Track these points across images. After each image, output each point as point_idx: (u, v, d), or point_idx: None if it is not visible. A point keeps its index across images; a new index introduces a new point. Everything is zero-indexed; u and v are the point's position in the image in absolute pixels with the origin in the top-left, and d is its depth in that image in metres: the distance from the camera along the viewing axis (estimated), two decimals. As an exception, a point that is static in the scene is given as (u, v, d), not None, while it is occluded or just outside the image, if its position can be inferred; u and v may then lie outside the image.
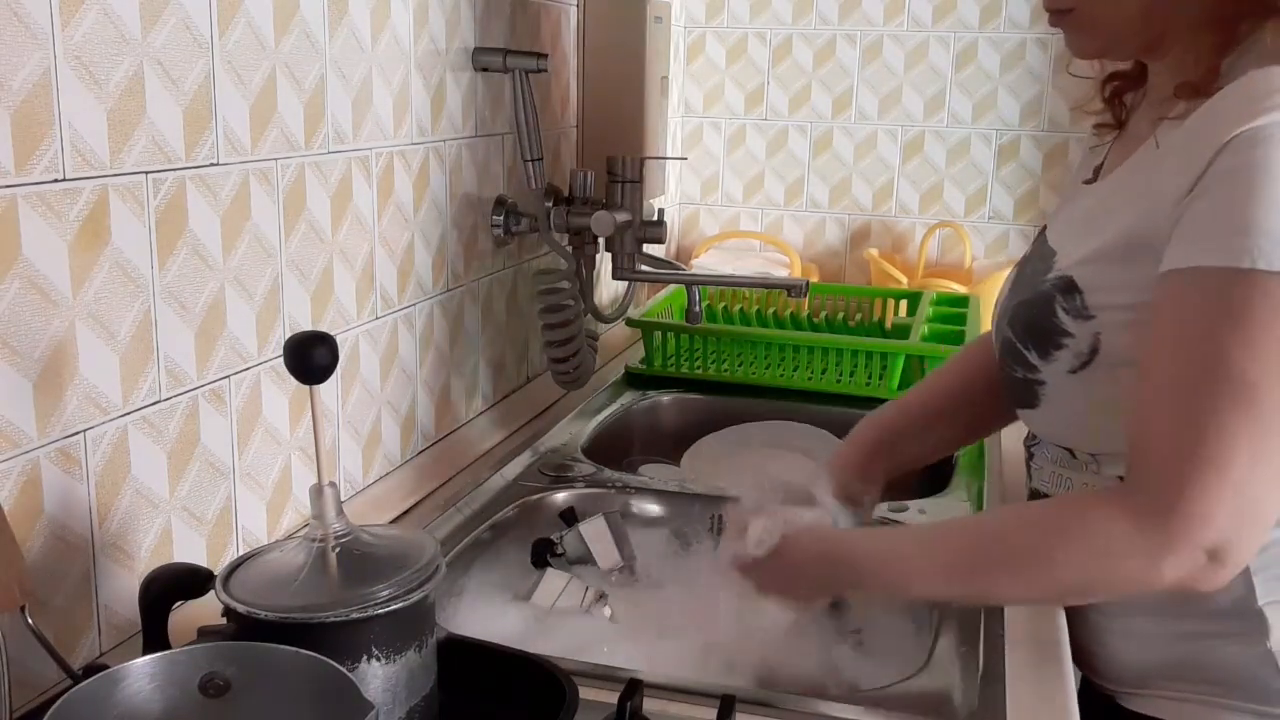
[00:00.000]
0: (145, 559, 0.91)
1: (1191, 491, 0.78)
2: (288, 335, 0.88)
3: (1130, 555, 0.82)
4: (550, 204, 1.49)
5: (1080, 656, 1.07)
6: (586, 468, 1.37)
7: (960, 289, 2.10)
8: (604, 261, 1.59)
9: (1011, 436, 1.25)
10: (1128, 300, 0.90)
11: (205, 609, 0.75)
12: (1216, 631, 0.96)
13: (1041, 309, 0.96)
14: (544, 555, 1.15)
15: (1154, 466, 0.82)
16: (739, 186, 2.46)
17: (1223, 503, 0.78)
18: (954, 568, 0.92)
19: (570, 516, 1.19)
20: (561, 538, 1.16)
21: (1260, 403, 0.78)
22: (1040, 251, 1.04)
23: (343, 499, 0.89)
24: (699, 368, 1.76)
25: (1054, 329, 0.94)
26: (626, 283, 1.71)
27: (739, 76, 2.41)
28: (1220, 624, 0.95)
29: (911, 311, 1.95)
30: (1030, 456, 1.09)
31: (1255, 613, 0.93)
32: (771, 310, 1.97)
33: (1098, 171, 1.04)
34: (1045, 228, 1.08)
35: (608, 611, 1.10)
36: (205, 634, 0.70)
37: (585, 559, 1.15)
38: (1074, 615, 1.06)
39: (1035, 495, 1.08)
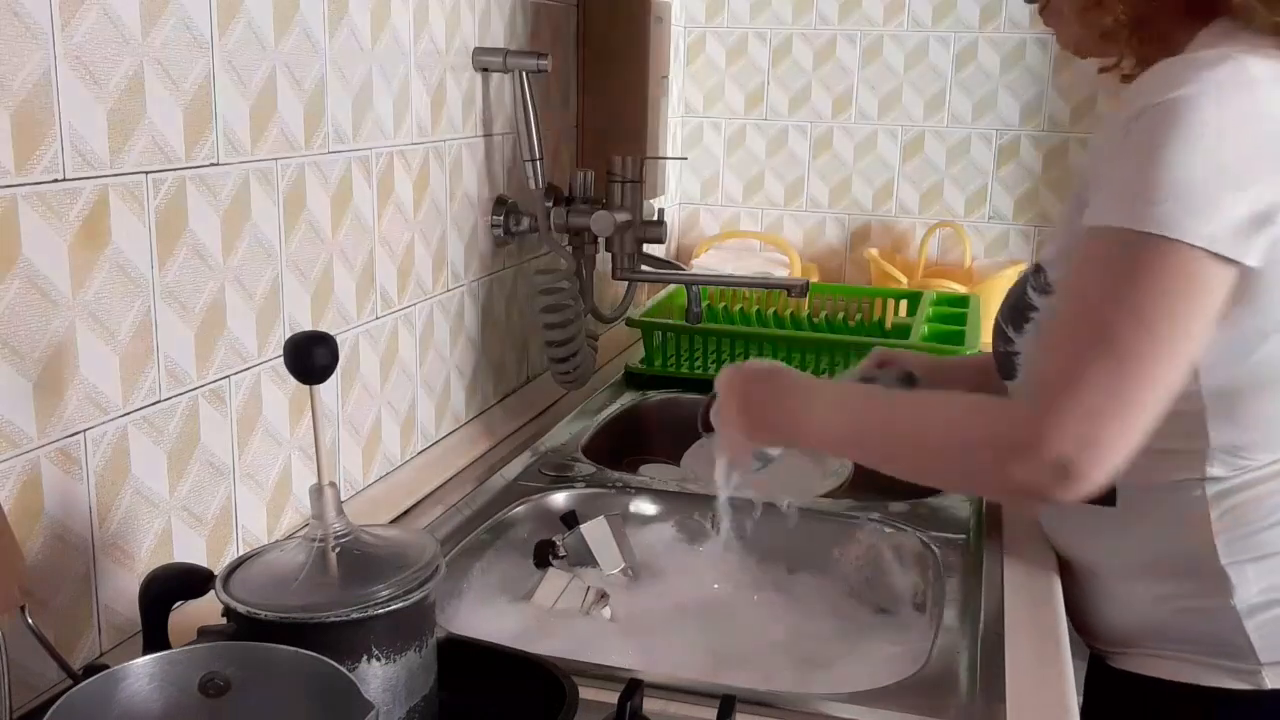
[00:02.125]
0: (145, 559, 0.91)
1: (1048, 411, 0.86)
2: (288, 335, 0.88)
3: (992, 456, 0.90)
4: (550, 204, 1.49)
5: (1077, 621, 1.12)
6: (586, 468, 1.37)
7: (960, 289, 2.10)
8: (604, 261, 1.59)
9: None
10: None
11: (205, 609, 0.75)
12: (1188, 592, 1.01)
13: (1018, 290, 1.06)
14: (546, 557, 1.15)
15: (1030, 388, 0.94)
16: (739, 186, 2.46)
17: (1071, 424, 0.85)
18: (854, 439, 1.03)
19: (571, 519, 1.20)
20: (563, 540, 1.16)
21: (1117, 347, 0.85)
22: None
23: (343, 499, 0.89)
24: (699, 368, 1.76)
25: (1025, 305, 1.03)
26: (626, 283, 1.71)
27: (739, 76, 2.41)
28: (1190, 584, 1.01)
29: (911, 311, 1.95)
30: None
31: (1219, 572, 0.99)
32: (771, 310, 1.97)
33: None
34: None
35: (608, 612, 1.10)
36: (205, 634, 0.70)
37: (587, 561, 1.15)
38: (1069, 578, 1.11)
39: None
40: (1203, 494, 0.99)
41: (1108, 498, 1.02)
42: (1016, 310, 1.05)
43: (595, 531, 1.16)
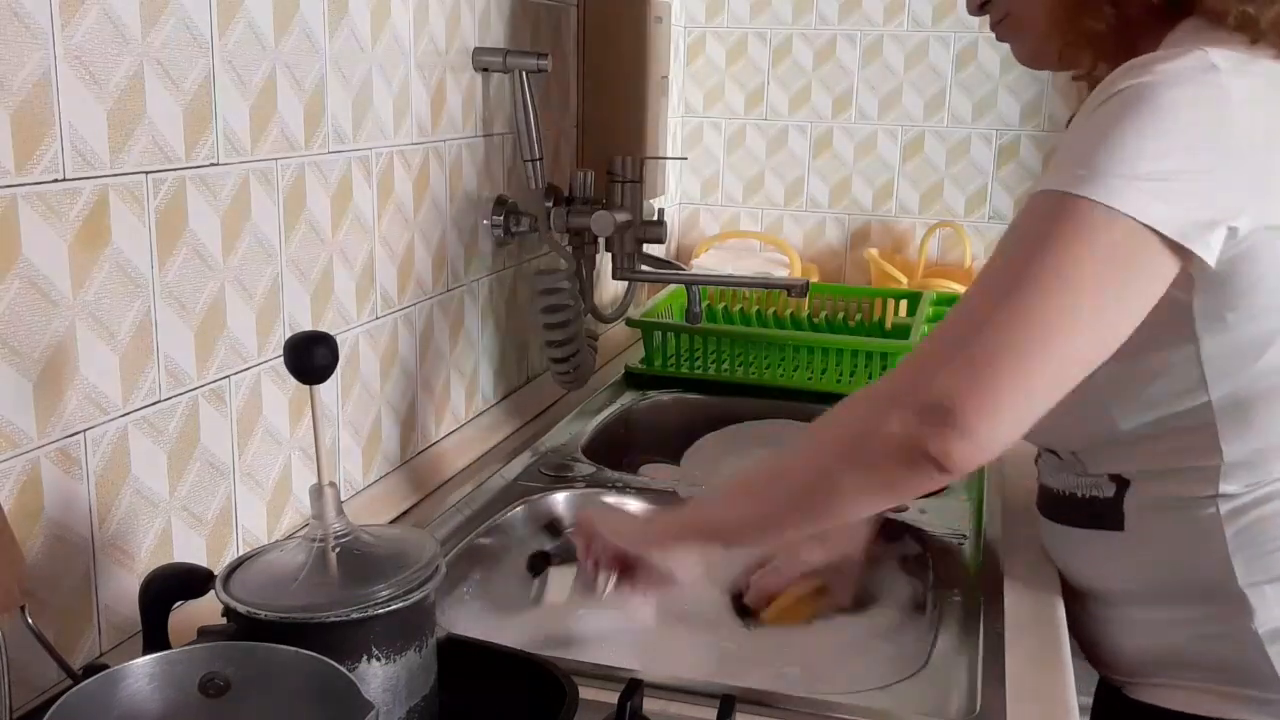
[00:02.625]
0: (145, 559, 0.91)
1: (932, 354, 0.84)
2: (288, 335, 0.88)
3: (868, 417, 0.87)
4: (550, 204, 1.49)
5: (1089, 650, 1.08)
6: (586, 468, 1.37)
7: (960, 289, 2.10)
8: (604, 261, 1.59)
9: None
10: None
11: (205, 609, 0.75)
12: (1204, 616, 0.97)
13: None
14: (541, 565, 1.14)
15: (922, 342, 0.89)
16: (739, 186, 2.45)
17: (951, 370, 0.82)
18: (772, 516, 0.96)
19: (556, 527, 1.19)
20: (555, 547, 1.15)
21: (1025, 297, 0.82)
22: None
23: (343, 499, 0.89)
24: (699, 368, 1.76)
25: None
26: (626, 283, 1.71)
27: (739, 76, 2.41)
28: (1207, 609, 0.96)
29: (911, 311, 1.95)
30: (1039, 455, 1.12)
31: (1237, 594, 0.94)
32: (771, 310, 1.97)
33: None
34: None
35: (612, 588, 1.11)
36: (205, 634, 0.70)
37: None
38: (1075, 608, 1.07)
39: (1044, 490, 1.10)
40: (1216, 512, 0.94)
41: (1114, 522, 0.99)
42: None
43: None
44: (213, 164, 0.95)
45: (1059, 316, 0.82)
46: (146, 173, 0.88)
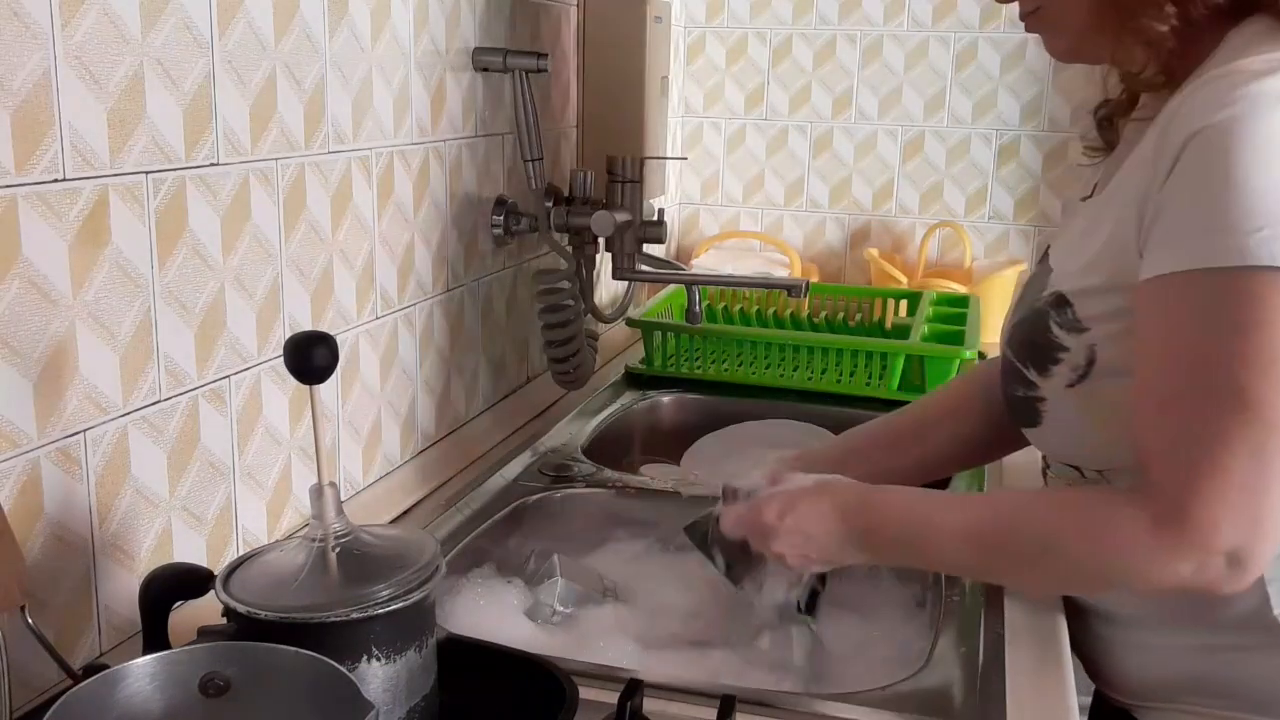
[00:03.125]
0: (145, 559, 0.91)
1: (1200, 499, 0.78)
2: (288, 335, 0.88)
3: (1148, 558, 0.82)
4: (550, 204, 1.49)
5: (1091, 669, 1.06)
6: (586, 468, 1.37)
7: (960, 289, 2.10)
8: (604, 261, 1.59)
9: (1014, 457, 1.24)
10: (1115, 307, 0.89)
11: (205, 609, 0.75)
12: (1234, 644, 0.93)
13: (1036, 325, 0.95)
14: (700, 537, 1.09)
15: (1162, 478, 0.82)
16: (739, 186, 2.45)
17: (1230, 507, 0.78)
18: (975, 552, 0.92)
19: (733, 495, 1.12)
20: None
21: (1254, 405, 0.77)
22: (1040, 270, 1.02)
23: (343, 499, 0.89)
24: (699, 368, 1.76)
25: (1049, 344, 0.93)
26: (626, 283, 1.71)
27: (739, 76, 2.41)
28: (1237, 636, 0.93)
29: (911, 311, 1.95)
30: (1046, 466, 1.07)
31: (1271, 624, 0.91)
32: (771, 310, 1.97)
33: (1095, 188, 1.02)
34: (1049, 247, 1.05)
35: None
36: (205, 634, 0.70)
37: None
38: (1076, 627, 1.04)
39: None
40: None
41: None
42: (1037, 348, 0.95)
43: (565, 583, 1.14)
44: (213, 164, 0.95)
45: None
46: (146, 173, 0.88)
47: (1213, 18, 0.87)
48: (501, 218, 1.48)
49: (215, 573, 0.75)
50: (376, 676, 0.72)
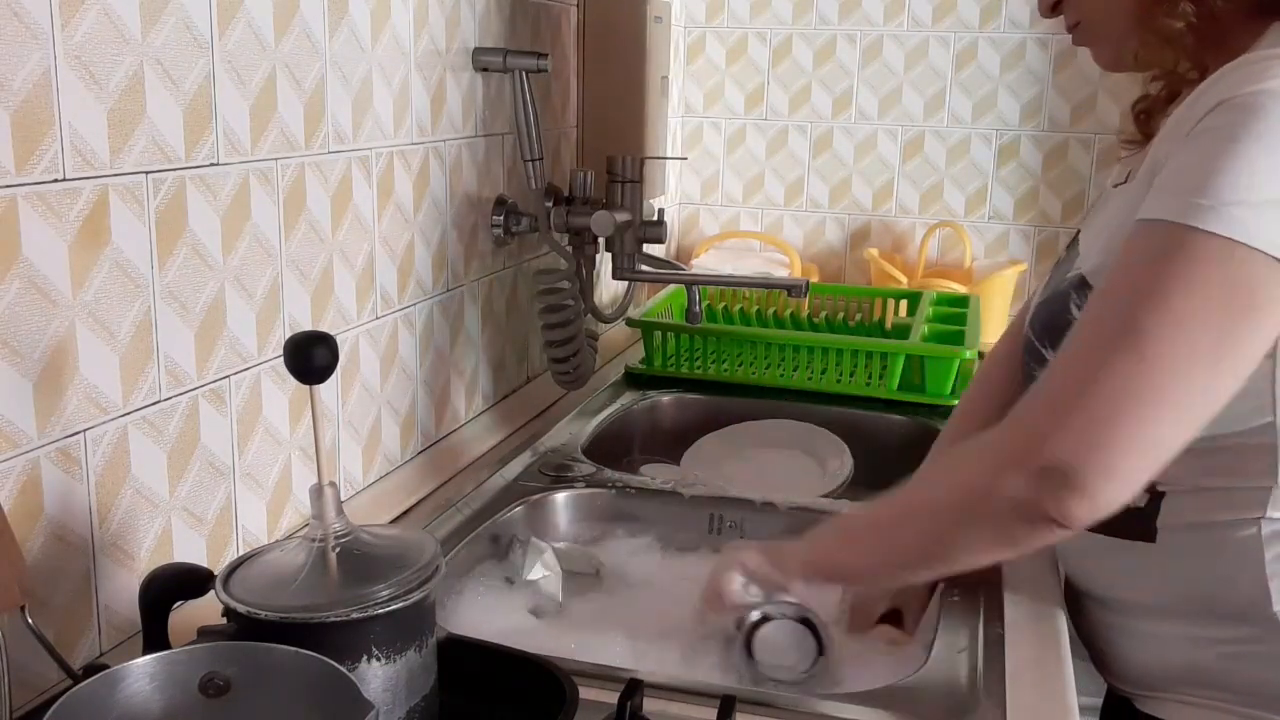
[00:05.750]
0: (145, 559, 0.91)
1: (1036, 410, 0.79)
2: (288, 335, 0.88)
3: (984, 479, 0.83)
4: (550, 204, 1.49)
5: (1096, 659, 1.06)
6: (586, 468, 1.37)
7: (960, 289, 2.10)
8: (604, 261, 1.59)
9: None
10: None
11: (205, 609, 0.75)
12: (1237, 638, 0.93)
13: (1058, 306, 0.96)
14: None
15: (1033, 393, 0.83)
16: (739, 186, 2.46)
17: (1074, 425, 0.77)
18: (894, 563, 0.95)
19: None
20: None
21: (1143, 343, 0.77)
22: (1069, 254, 1.02)
23: (343, 499, 0.89)
24: (699, 368, 1.76)
25: (1067, 323, 0.92)
26: (626, 283, 1.71)
27: (739, 76, 2.41)
28: (1240, 629, 0.93)
29: (911, 311, 1.95)
30: None
31: (1270, 619, 0.90)
32: (771, 310, 1.97)
33: (1129, 175, 1.01)
34: (1079, 231, 1.05)
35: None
36: (205, 634, 0.70)
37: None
38: (1082, 616, 1.05)
39: None
40: (1257, 533, 0.89)
41: (1145, 533, 0.94)
42: (1055, 328, 0.95)
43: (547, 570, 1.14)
44: (213, 164, 0.95)
45: (1177, 362, 0.76)
46: (146, 173, 0.88)
47: (1244, 13, 0.88)
48: (501, 218, 1.48)
49: (215, 573, 0.75)
50: (376, 676, 0.72)
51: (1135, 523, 0.95)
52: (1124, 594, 1.01)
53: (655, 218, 1.56)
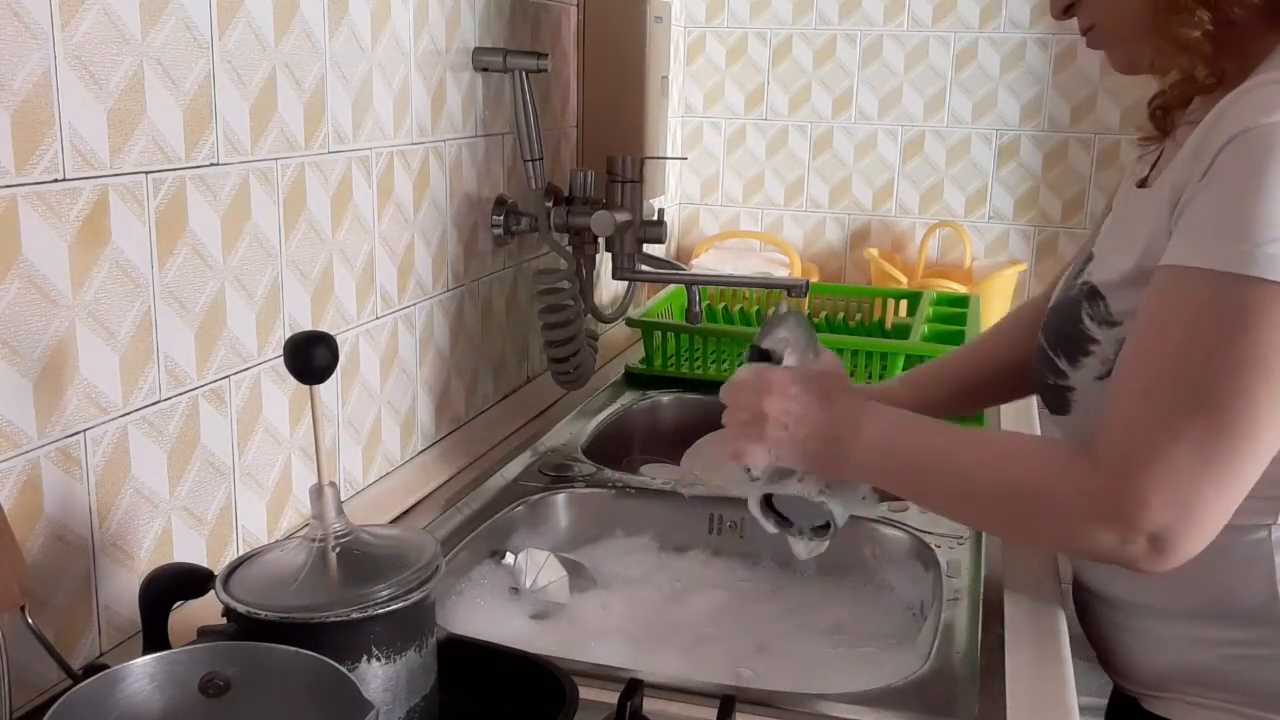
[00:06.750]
0: (145, 559, 0.91)
1: (1138, 478, 0.81)
2: (288, 335, 0.88)
3: (1077, 520, 0.84)
4: (550, 204, 1.49)
5: (1103, 657, 1.06)
6: (586, 468, 1.37)
7: (960, 289, 2.10)
8: (604, 261, 1.59)
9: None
10: None
11: (205, 609, 0.75)
12: (1245, 640, 0.93)
13: (1069, 315, 0.96)
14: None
15: (1112, 448, 0.84)
16: (739, 186, 2.46)
17: (1163, 492, 0.80)
18: (937, 496, 0.95)
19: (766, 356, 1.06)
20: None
21: (1214, 410, 0.79)
22: (1084, 254, 1.02)
23: (343, 499, 0.89)
24: (699, 368, 1.76)
25: (1081, 335, 0.94)
26: (626, 283, 1.71)
27: (739, 76, 2.41)
28: (1248, 631, 0.93)
29: (911, 311, 1.95)
30: None
31: (1277, 622, 0.91)
32: (771, 310, 1.97)
33: (1149, 177, 1.00)
34: (1101, 227, 1.05)
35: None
36: (205, 634, 0.70)
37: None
38: (1088, 615, 1.05)
39: None
40: (1267, 538, 0.90)
41: None
42: (1069, 339, 0.95)
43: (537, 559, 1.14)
44: (213, 164, 0.95)
45: (1253, 425, 0.79)
46: (146, 173, 0.88)
47: (1262, 21, 0.87)
48: (501, 218, 1.48)
49: (215, 573, 0.75)
50: (376, 676, 0.72)
51: None
52: (1132, 595, 1.00)
53: (655, 218, 1.56)
